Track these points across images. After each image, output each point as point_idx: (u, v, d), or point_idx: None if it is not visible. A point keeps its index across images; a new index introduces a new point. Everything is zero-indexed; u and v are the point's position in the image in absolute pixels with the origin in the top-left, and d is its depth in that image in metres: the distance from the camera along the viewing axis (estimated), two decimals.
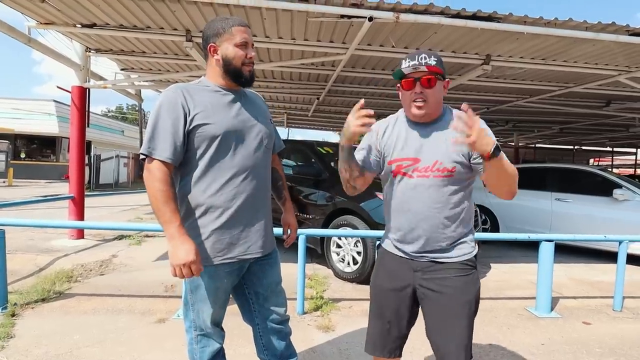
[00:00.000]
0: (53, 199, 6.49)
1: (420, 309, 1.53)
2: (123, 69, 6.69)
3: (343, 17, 3.78)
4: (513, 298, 3.79)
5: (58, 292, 3.44)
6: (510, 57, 5.00)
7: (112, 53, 5.73)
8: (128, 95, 7.98)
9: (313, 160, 4.97)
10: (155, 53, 5.63)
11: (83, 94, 5.75)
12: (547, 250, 3.34)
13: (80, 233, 5.76)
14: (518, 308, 3.51)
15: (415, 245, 1.48)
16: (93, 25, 4.54)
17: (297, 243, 3.11)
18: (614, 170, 16.58)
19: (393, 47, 4.65)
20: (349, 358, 2.49)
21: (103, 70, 30.60)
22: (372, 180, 1.58)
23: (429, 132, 1.46)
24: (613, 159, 21.86)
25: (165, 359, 2.39)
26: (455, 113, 1.21)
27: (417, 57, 1.40)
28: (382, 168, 1.55)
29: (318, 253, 4.59)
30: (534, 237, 3.47)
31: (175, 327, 2.82)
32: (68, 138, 6.91)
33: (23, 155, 20.57)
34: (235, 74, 1.50)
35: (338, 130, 20.55)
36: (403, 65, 1.42)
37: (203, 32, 1.54)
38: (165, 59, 5.74)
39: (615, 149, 19.43)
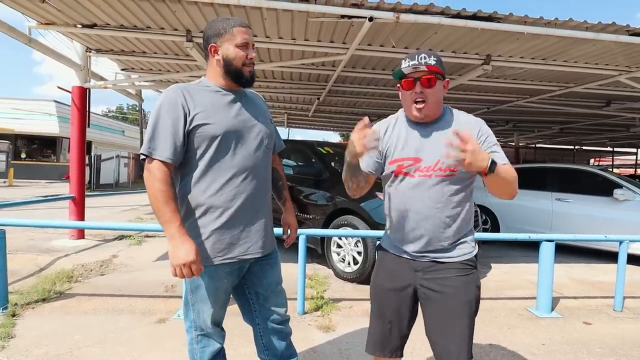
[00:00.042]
0: (53, 199, 6.49)
1: (420, 309, 1.53)
2: (123, 69, 6.69)
3: (343, 17, 3.78)
4: (513, 298, 3.79)
5: (58, 292, 3.45)
6: (511, 57, 5.00)
7: (112, 53, 5.73)
8: (128, 96, 7.98)
9: (313, 160, 4.97)
10: (156, 53, 5.63)
11: (83, 94, 5.76)
12: (547, 250, 3.34)
13: (81, 233, 5.77)
14: (518, 308, 3.51)
15: (417, 245, 1.48)
16: (93, 26, 4.54)
17: (297, 243, 3.10)
18: (615, 170, 16.58)
19: (393, 47, 4.65)
20: (350, 358, 2.49)
21: (103, 71, 30.64)
22: (373, 180, 1.58)
23: (430, 131, 1.46)
24: (613, 159, 21.86)
25: (166, 359, 2.39)
26: (449, 137, 1.24)
27: (416, 57, 1.40)
28: (382, 169, 1.55)
29: (318, 253, 4.59)
30: (535, 237, 3.47)
31: (176, 327, 2.82)
32: (68, 138, 6.91)
33: (23, 156, 20.59)
34: (236, 75, 1.50)
35: (338, 130, 20.62)
36: (403, 65, 1.42)
37: (204, 32, 1.55)
38: (166, 59, 5.74)
39: (616, 149, 19.43)
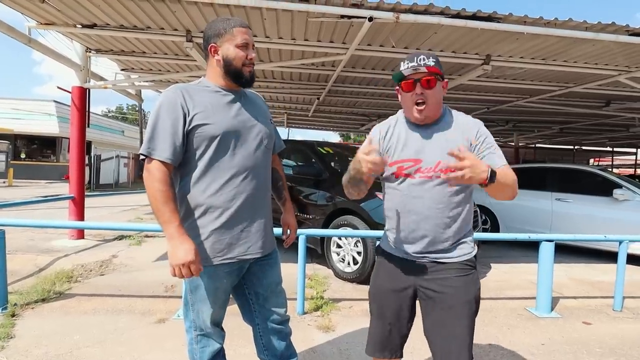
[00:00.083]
0: (53, 199, 6.48)
1: (420, 309, 1.53)
2: (123, 69, 6.69)
3: (343, 17, 3.78)
4: (513, 298, 3.79)
5: (58, 292, 3.44)
6: (510, 57, 5.01)
7: (112, 53, 5.73)
8: (128, 96, 7.98)
9: (313, 160, 4.97)
10: (156, 53, 5.63)
11: (83, 94, 5.75)
12: (547, 250, 3.34)
13: (81, 233, 5.77)
14: (518, 308, 3.51)
15: (417, 246, 1.48)
16: (93, 26, 4.54)
17: (297, 243, 3.11)
18: (614, 170, 16.59)
19: (393, 47, 4.65)
20: (350, 358, 2.49)
21: (103, 71, 30.63)
22: (372, 181, 1.57)
23: (430, 133, 1.46)
24: (613, 159, 21.85)
25: (165, 359, 2.39)
26: (448, 138, 1.24)
27: (415, 58, 1.40)
28: (382, 171, 1.54)
29: (318, 253, 4.59)
30: (534, 237, 3.47)
31: (176, 327, 2.82)
32: (68, 138, 6.91)
33: (23, 156, 20.57)
34: (236, 75, 1.51)
35: (338, 130, 20.61)
36: (402, 68, 1.42)
37: (204, 32, 1.55)
38: (166, 59, 5.74)
39: (616, 149, 19.43)
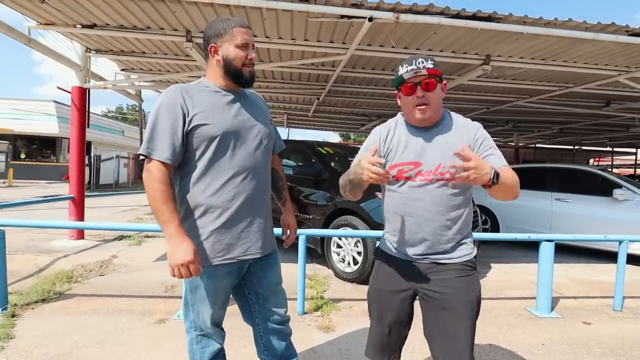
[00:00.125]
0: (53, 200, 6.48)
1: (421, 310, 1.53)
2: (123, 70, 6.68)
3: (343, 17, 3.78)
4: (513, 298, 3.79)
5: (58, 292, 3.44)
6: (510, 57, 5.00)
7: (112, 53, 5.73)
8: (128, 96, 7.98)
9: (313, 161, 4.97)
10: (156, 53, 5.62)
11: (83, 95, 5.75)
12: (547, 250, 3.34)
13: (81, 233, 5.77)
14: (518, 308, 3.51)
15: (418, 248, 1.48)
16: (93, 26, 4.54)
17: (297, 243, 3.11)
18: (614, 170, 16.59)
19: (393, 47, 4.65)
20: (350, 358, 2.49)
21: (103, 71, 30.62)
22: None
23: (430, 135, 1.46)
24: (613, 159, 21.84)
25: (165, 359, 2.40)
26: (449, 142, 1.24)
27: (414, 61, 1.40)
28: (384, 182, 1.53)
29: (318, 253, 4.59)
30: (534, 237, 3.47)
31: (176, 327, 2.82)
32: (68, 138, 6.91)
33: (23, 156, 20.56)
34: (236, 75, 1.51)
35: (338, 131, 20.61)
36: (401, 71, 1.42)
37: (204, 32, 1.55)
38: (166, 60, 5.74)
39: (615, 149, 19.43)
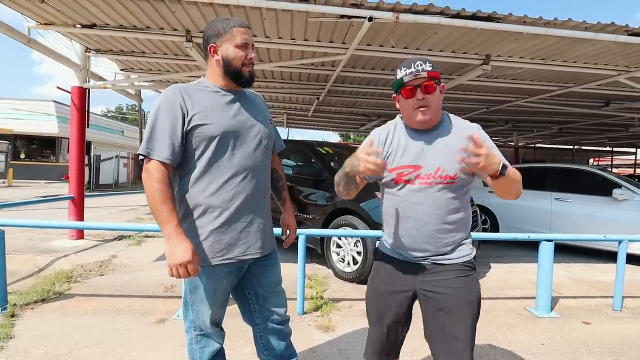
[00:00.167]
0: (53, 200, 6.48)
1: (421, 312, 1.52)
2: (123, 70, 6.68)
3: (343, 17, 3.78)
4: (513, 298, 3.79)
5: (58, 292, 3.44)
6: (510, 57, 5.01)
7: (112, 54, 5.73)
8: (128, 96, 7.98)
9: (313, 161, 4.97)
10: (156, 53, 5.62)
11: (83, 95, 5.75)
12: (547, 250, 3.34)
13: (80, 234, 5.77)
14: (518, 308, 3.51)
15: (418, 251, 1.47)
16: (93, 26, 4.54)
17: (297, 243, 3.11)
18: (614, 170, 16.59)
19: (393, 47, 4.65)
20: (350, 358, 2.49)
21: (103, 71, 30.61)
22: (365, 184, 1.55)
23: (430, 139, 1.46)
24: (613, 159, 21.85)
25: None
26: (466, 136, 1.19)
27: (413, 64, 1.39)
28: (381, 176, 1.52)
29: (318, 253, 4.59)
30: (534, 237, 3.47)
31: (175, 327, 2.82)
32: (68, 139, 6.91)
33: (23, 156, 20.57)
34: (236, 75, 1.50)
35: (338, 131, 20.60)
36: (400, 75, 1.41)
37: (204, 32, 1.55)
38: (166, 60, 5.74)
39: (615, 149, 19.43)
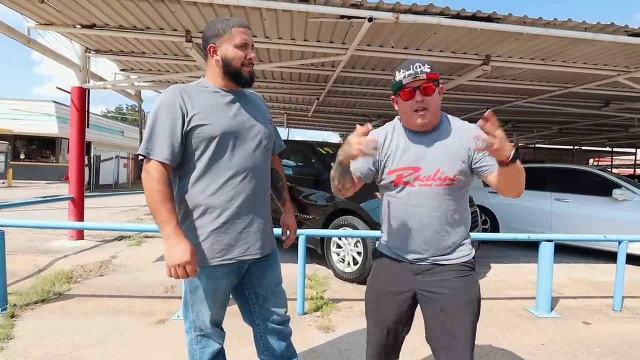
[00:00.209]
0: (53, 200, 6.48)
1: (421, 312, 1.52)
2: (123, 70, 6.68)
3: (343, 17, 3.78)
4: (513, 298, 3.80)
5: (58, 293, 3.44)
6: (510, 57, 5.01)
7: (111, 54, 5.72)
8: (128, 96, 7.98)
9: (313, 161, 4.97)
10: (155, 54, 5.62)
11: (83, 95, 5.75)
12: (547, 250, 3.34)
13: (80, 234, 5.76)
14: (518, 308, 3.51)
15: (417, 252, 1.48)
16: (93, 26, 4.53)
17: (297, 243, 3.11)
18: (614, 170, 16.59)
19: (393, 47, 4.65)
20: (350, 358, 2.49)
21: (103, 71, 30.57)
22: (362, 184, 1.55)
23: (429, 140, 1.45)
24: (612, 159, 21.86)
25: None
26: (478, 123, 1.16)
27: (411, 66, 1.39)
28: (380, 177, 1.53)
29: (318, 253, 4.59)
30: (534, 237, 3.47)
31: (175, 327, 2.82)
32: (68, 139, 6.91)
33: (22, 156, 20.56)
34: (235, 75, 1.50)
35: (338, 131, 20.61)
36: (399, 77, 1.41)
37: (203, 32, 1.55)
38: (165, 60, 5.73)
39: (615, 149, 19.44)
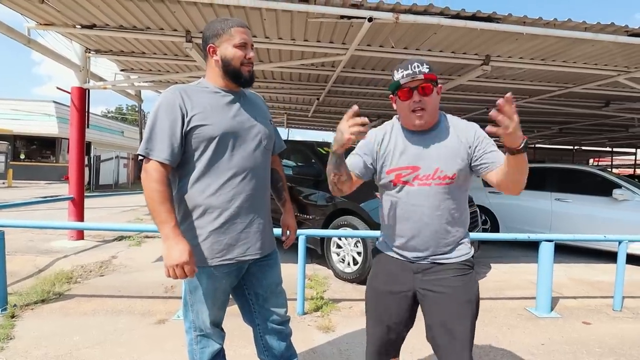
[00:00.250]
0: (53, 200, 6.48)
1: (421, 310, 1.53)
2: (123, 70, 6.68)
3: (343, 17, 3.78)
4: (513, 298, 3.80)
5: (58, 293, 3.44)
6: (510, 57, 5.00)
7: (111, 54, 5.72)
8: (128, 96, 7.97)
9: (313, 161, 4.97)
10: (155, 54, 5.62)
11: (83, 95, 5.75)
12: (547, 250, 3.34)
13: (80, 234, 5.77)
14: (518, 308, 3.51)
15: (417, 251, 1.48)
16: (93, 26, 4.53)
17: (297, 243, 3.11)
18: (614, 171, 16.59)
19: (393, 47, 4.65)
20: (349, 358, 2.48)
21: (103, 71, 30.58)
22: (360, 183, 1.54)
23: (427, 139, 1.46)
24: (612, 159, 21.85)
25: None
26: (499, 102, 1.11)
27: (410, 66, 1.39)
28: (379, 177, 1.53)
29: (318, 253, 4.59)
30: (534, 237, 3.47)
31: (175, 327, 2.82)
32: (68, 139, 6.91)
33: (22, 157, 20.57)
34: (234, 75, 1.50)
35: None
36: (397, 76, 1.41)
37: (203, 33, 1.55)
38: (165, 60, 5.73)
39: (615, 149, 19.43)
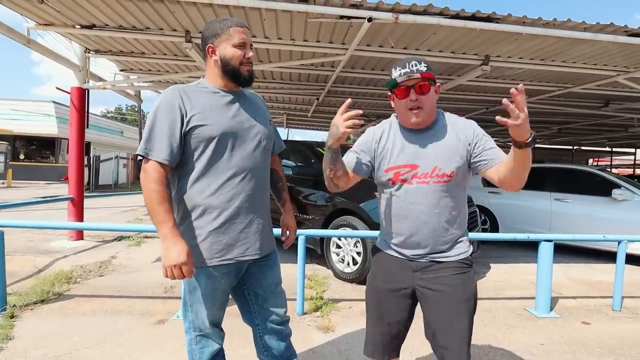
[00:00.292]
0: (52, 200, 6.48)
1: (420, 309, 1.53)
2: (122, 70, 6.67)
3: (342, 17, 3.78)
4: (512, 298, 3.80)
5: (57, 293, 3.44)
6: (509, 57, 5.01)
7: (111, 54, 5.72)
8: (127, 96, 7.97)
9: (312, 161, 4.97)
10: (155, 54, 5.62)
11: (82, 95, 5.75)
12: (546, 250, 3.34)
13: (80, 234, 5.76)
14: (517, 308, 3.51)
15: (416, 250, 1.48)
16: (92, 26, 4.53)
17: (296, 244, 3.11)
18: (613, 171, 16.61)
19: (392, 47, 4.66)
20: (349, 358, 2.48)
21: (102, 71, 30.56)
22: (357, 180, 1.55)
23: (425, 137, 1.46)
24: (612, 159, 21.86)
25: None
26: (511, 91, 1.12)
27: (407, 64, 1.40)
28: (377, 175, 1.53)
29: (318, 253, 4.59)
30: (533, 237, 3.47)
31: (175, 328, 2.82)
32: (67, 139, 6.91)
33: (22, 157, 20.56)
34: (234, 74, 1.51)
35: None
36: (394, 75, 1.41)
37: (202, 33, 1.55)
38: (165, 60, 5.73)
39: (614, 149, 19.44)
